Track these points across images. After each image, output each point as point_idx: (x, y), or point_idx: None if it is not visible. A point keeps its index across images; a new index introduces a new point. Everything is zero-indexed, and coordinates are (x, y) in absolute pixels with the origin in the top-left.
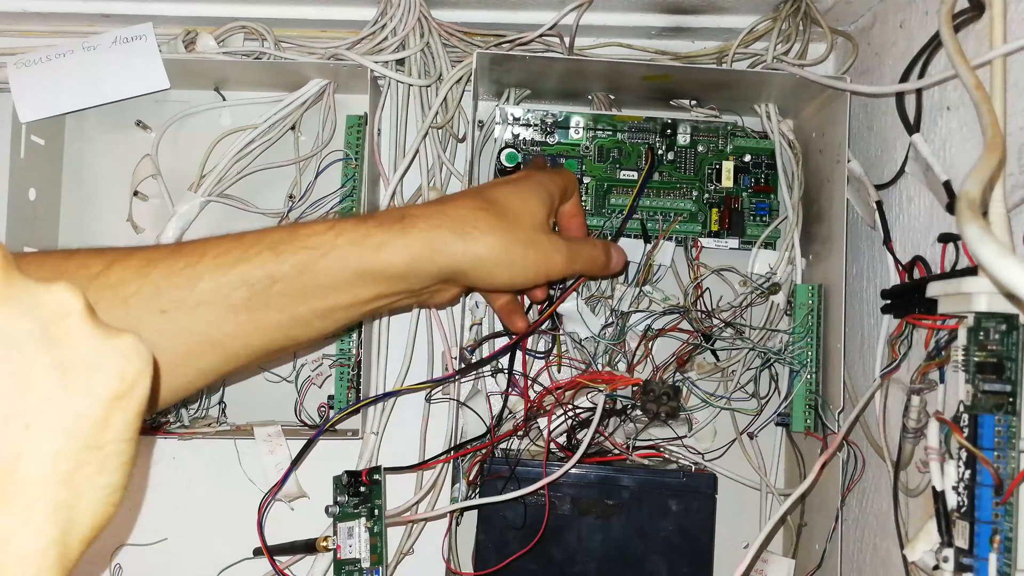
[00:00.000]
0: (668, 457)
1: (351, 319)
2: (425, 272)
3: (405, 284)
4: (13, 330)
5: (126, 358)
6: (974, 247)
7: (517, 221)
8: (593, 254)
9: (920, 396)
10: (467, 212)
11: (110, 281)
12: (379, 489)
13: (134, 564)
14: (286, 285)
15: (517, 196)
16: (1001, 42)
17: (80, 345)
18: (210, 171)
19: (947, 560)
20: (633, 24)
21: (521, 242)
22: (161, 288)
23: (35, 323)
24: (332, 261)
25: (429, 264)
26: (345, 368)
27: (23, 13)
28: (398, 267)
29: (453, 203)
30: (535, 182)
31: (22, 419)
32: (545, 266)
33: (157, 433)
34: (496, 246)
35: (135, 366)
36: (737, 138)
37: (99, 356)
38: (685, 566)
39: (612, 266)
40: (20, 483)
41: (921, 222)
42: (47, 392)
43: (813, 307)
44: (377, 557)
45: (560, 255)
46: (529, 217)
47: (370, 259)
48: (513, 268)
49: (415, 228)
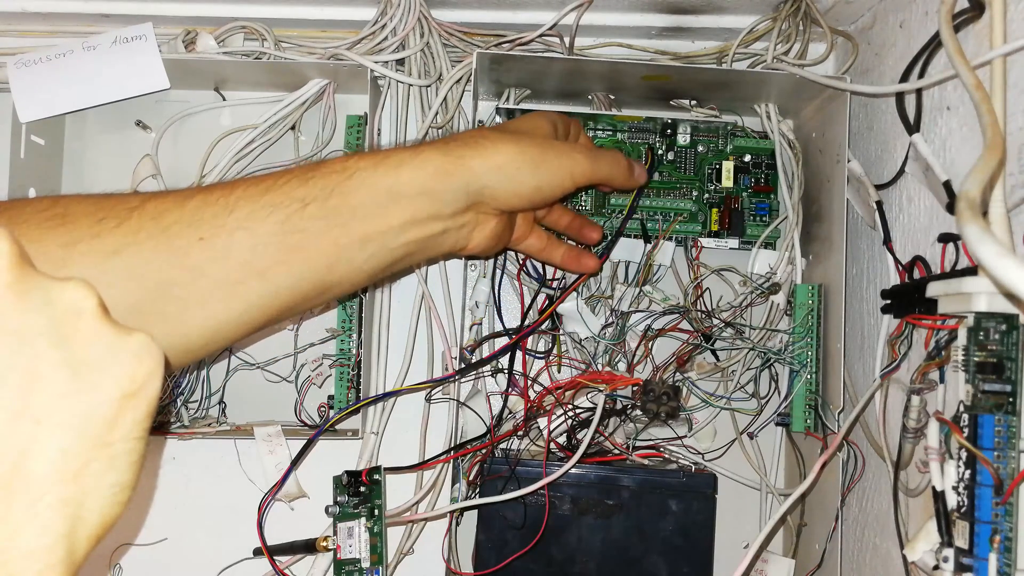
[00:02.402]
0: (668, 457)
1: (391, 256)
2: (449, 188)
3: (432, 204)
4: (25, 326)
5: (137, 357)
6: (974, 247)
7: (526, 133)
8: (616, 158)
9: (920, 396)
10: (475, 133)
11: (149, 212)
12: (379, 489)
13: (134, 564)
14: (317, 207)
15: (521, 121)
16: (1001, 42)
17: (92, 343)
18: (210, 171)
19: (947, 560)
20: (633, 24)
21: (537, 145)
22: (199, 217)
23: (47, 320)
24: (357, 182)
25: (450, 178)
26: (345, 368)
27: (23, 13)
28: (422, 181)
29: (458, 135)
30: (537, 114)
31: (32, 415)
32: (568, 165)
33: (157, 433)
34: (511, 151)
35: (146, 366)
36: (737, 138)
37: (110, 354)
38: (685, 566)
39: (636, 175)
40: (28, 479)
41: (921, 222)
42: (57, 389)
43: (813, 307)
44: (377, 557)
45: (581, 155)
46: (538, 131)
47: (392, 176)
48: (537, 170)
49: (428, 148)
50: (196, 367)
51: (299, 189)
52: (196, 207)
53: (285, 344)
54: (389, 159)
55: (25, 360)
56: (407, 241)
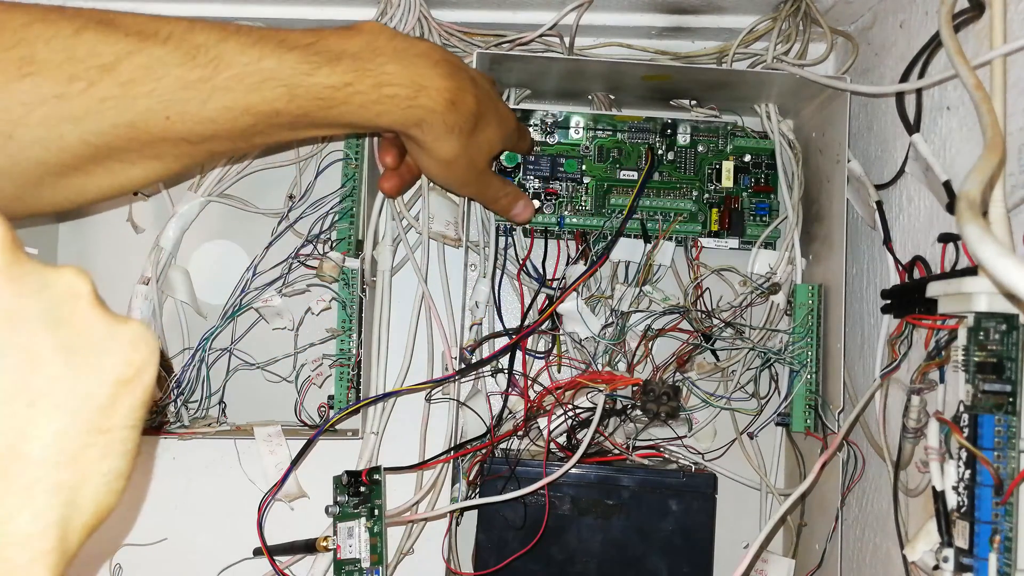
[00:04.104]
0: (668, 457)
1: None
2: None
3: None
4: (21, 310)
5: (133, 345)
6: (974, 247)
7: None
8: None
9: (920, 396)
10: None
11: (121, 78)
12: (379, 489)
13: (134, 564)
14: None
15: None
16: (1001, 42)
17: (88, 328)
18: (210, 171)
19: (947, 560)
20: (633, 24)
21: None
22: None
23: (43, 304)
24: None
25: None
26: (345, 368)
27: None
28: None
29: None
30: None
31: (27, 397)
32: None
33: (157, 433)
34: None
35: (142, 353)
36: (737, 138)
37: (107, 340)
38: (685, 566)
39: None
40: (23, 462)
41: (921, 222)
42: (53, 372)
43: (813, 307)
44: (377, 557)
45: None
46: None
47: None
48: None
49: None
50: (196, 367)
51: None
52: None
53: (285, 344)
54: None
55: (21, 343)
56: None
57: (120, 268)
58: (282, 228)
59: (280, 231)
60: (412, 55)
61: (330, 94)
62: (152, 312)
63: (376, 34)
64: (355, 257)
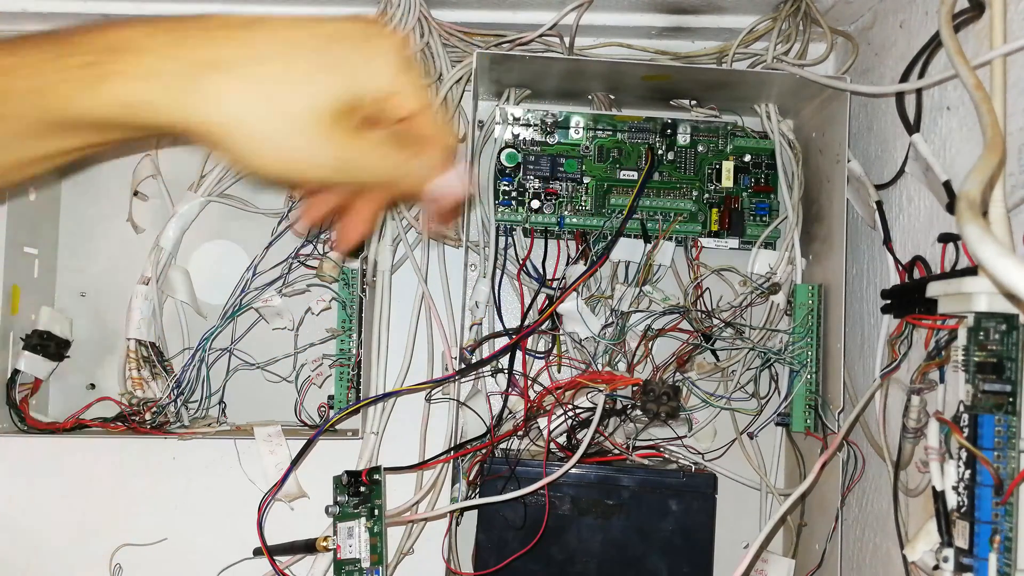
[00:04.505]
0: (668, 457)
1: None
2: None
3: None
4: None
5: None
6: (974, 247)
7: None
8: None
9: (920, 396)
10: None
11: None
12: (379, 489)
13: (134, 564)
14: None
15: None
16: (1001, 42)
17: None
18: (210, 171)
19: (947, 560)
20: (633, 24)
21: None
22: None
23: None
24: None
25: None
26: (345, 368)
27: (23, 13)
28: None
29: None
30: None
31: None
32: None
33: (158, 433)
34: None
35: None
36: (737, 138)
37: None
38: (685, 566)
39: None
40: None
41: (921, 222)
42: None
43: (813, 307)
44: (377, 557)
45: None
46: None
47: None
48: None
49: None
50: (196, 367)
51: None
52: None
53: (285, 344)
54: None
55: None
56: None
57: (120, 268)
58: (282, 228)
59: (280, 231)
60: None
61: None
62: (152, 312)
63: None
64: (355, 257)
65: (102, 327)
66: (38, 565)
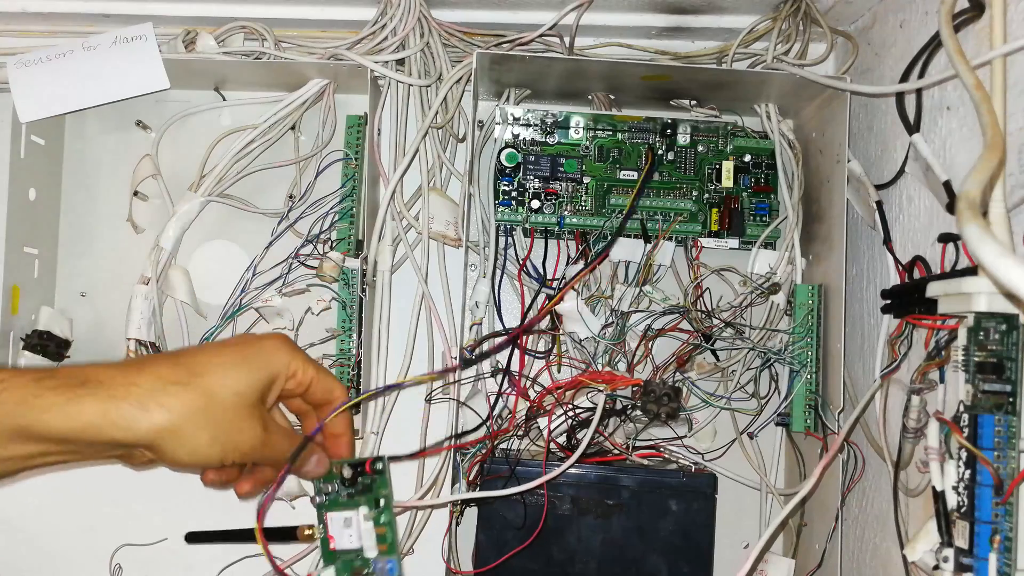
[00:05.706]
0: (668, 457)
1: (9, 471)
2: (96, 441)
3: (74, 449)
4: None
5: None
6: (974, 247)
7: (213, 399)
8: (284, 453)
9: (920, 396)
10: (159, 385)
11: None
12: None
13: (134, 564)
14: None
15: (220, 369)
16: (1001, 42)
17: None
18: (210, 171)
19: (947, 560)
20: (633, 24)
21: (208, 424)
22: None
23: None
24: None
25: (100, 434)
26: (345, 368)
27: (23, 13)
28: (63, 432)
29: (148, 370)
30: (244, 355)
31: None
32: (229, 449)
33: None
34: (177, 425)
35: None
36: (737, 138)
37: None
38: (685, 566)
39: (303, 470)
40: None
41: (921, 222)
42: None
43: (813, 307)
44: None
45: (249, 444)
46: (230, 396)
47: (33, 419)
48: (194, 447)
49: (93, 397)
50: None
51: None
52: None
53: None
54: (40, 399)
55: None
56: (39, 464)
57: (120, 268)
58: (282, 228)
59: (280, 231)
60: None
61: None
62: (152, 312)
63: None
64: (355, 257)
65: (102, 327)
66: (38, 565)
